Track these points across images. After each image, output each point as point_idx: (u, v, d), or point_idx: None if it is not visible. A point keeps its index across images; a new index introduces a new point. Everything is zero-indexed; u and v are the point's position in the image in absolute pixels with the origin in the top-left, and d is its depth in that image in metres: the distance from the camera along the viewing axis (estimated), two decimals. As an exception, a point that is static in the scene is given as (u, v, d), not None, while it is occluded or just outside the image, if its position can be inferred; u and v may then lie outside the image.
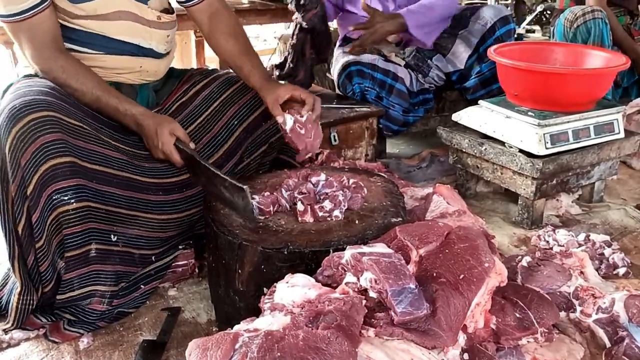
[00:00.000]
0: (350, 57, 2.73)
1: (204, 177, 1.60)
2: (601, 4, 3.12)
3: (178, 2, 1.89)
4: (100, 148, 1.56)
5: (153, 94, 1.90)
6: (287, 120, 1.75)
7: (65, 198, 1.46)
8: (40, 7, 1.57)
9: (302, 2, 2.57)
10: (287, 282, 1.23)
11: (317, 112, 1.80)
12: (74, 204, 1.48)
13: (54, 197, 1.45)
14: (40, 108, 1.45)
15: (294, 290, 1.20)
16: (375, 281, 1.19)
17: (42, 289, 1.52)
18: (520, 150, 2.07)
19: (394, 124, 2.74)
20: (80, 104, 1.61)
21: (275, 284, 1.25)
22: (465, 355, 1.23)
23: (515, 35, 3.17)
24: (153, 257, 1.70)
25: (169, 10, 1.85)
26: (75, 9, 1.64)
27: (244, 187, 1.44)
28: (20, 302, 1.51)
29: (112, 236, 1.57)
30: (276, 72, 2.73)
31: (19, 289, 1.50)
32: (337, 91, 2.86)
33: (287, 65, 2.70)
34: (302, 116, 1.75)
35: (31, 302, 1.52)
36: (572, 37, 3.03)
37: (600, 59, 2.25)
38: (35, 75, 1.69)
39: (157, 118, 1.68)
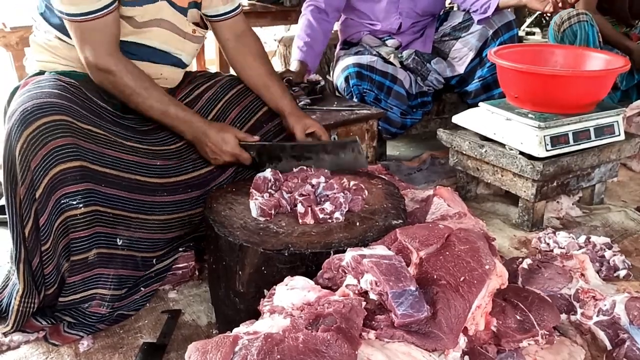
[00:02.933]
0: (350, 59, 2.74)
1: (287, 156, 1.75)
2: (589, 7, 3.17)
3: (206, 17, 1.90)
4: (110, 150, 1.56)
5: None
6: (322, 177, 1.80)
7: (74, 202, 1.47)
8: (110, 7, 1.58)
9: None
10: (286, 285, 1.23)
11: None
12: (82, 208, 1.48)
13: (62, 201, 1.45)
14: (52, 111, 1.45)
15: (294, 292, 1.20)
16: (376, 283, 1.19)
17: (45, 291, 1.52)
18: (521, 153, 2.07)
19: (393, 126, 2.75)
20: (92, 105, 1.62)
21: (274, 286, 1.25)
22: (466, 358, 1.23)
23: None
24: (154, 260, 1.70)
25: (200, 25, 1.88)
26: (124, 11, 1.65)
27: (355, 138, 1.64)
28: (22, 304, 1.51)
29: (118, 240, 1.58)
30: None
31: (20, 292, 1.50)
32: (337, 93, 2.87)
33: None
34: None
35: (32, 305, 1.52)
36: (560, 40, 3.09)
37: (600, 61, 2.25)
38: (42, 73, 1.70)
39: (217, 125, 1.73)
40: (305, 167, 1.70)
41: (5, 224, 1.54)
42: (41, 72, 1.72)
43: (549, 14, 3.61)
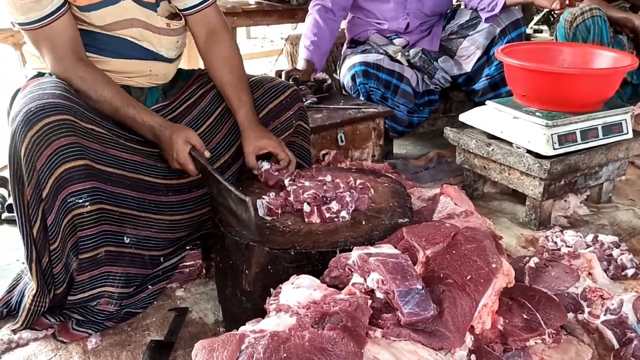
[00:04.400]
0: (356, 58, 2.73)
1: (215, 187, 1.59)
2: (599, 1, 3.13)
3: (179, 10, 1.85)
4: (113, 150, 1.57)
5: (162, 95, 1.91)
6: (263, 165, 1.73)
7: (80, 201, 1.48)
8: (58, 12, 1.57)
9: None
10: (292, 284, 1.23)
11: (289, 172, 1.74)
12: (89, 206, 1.49)
13: (69, 200, 1.46)
14: (55, 112, 1.46)
15: (299, 291, 1.20)
16: (382, 282, 1.19)
17: (55, 290, 1.53)
18: (528, 151, 2.07)
19: (399, 124, 2.75)
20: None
21: (280, 285, 1.25)
22: (473, 357, 1.23)
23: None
24: (162, 258, 1.71)
25: (177, 16, 1.83)
26: (84, 17, 1.64)
27: (246, 199, 1.43)
28: (34, 304, 1.52)
29: (125, 238, 1.59)
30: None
31: (34, 291, 1.51)
32: (344, 91, 2.87)
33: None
34: (275, 170, 1.72)
35: (44, 304, 1.53)
36: (572, 36, 3.04)
37: (608, 59, 2.24)
38: (41, 75, 1.71)
39: (173, 127, 1.65)
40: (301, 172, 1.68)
41: (14, 222, 1.55)
42: (40, 74, 1.73)
43: (556, 12, 3.58)
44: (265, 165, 1.73)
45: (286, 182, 1.63)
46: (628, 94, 3.31)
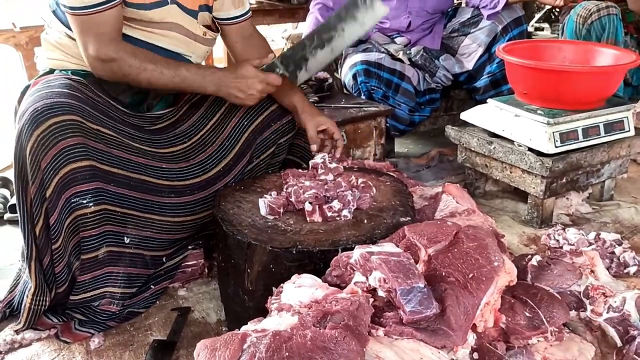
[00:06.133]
0: (357, 57, 2.73)
1: (310, 50, 1.70)
2: None
3: (216, 19, 1.90)
4: (117, 151, 1.57)
5: (171, 97, 1.92)
6: (318, 157, 1.76)
7: (84, 201, 1.48)
8: (113, 2, 1.59)
9: None
10: (294, 283, 1.23)
11: (337, 154, 1.88)
12: (92, 207, 1.50)
13: (72, 200, 1.47)
14: (62, 111, 1.46)
15: (301, 290, 1.20)
16: (384, 280, 1.19)
17: (56, 290, 1.54)
18: (530, 149, 2.06)
19: (401, 123, 2.74)
20: (101, 104, 1.62)
21: (282, 284, 1.25)
22: (475, 355, 1.23)
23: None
24: (164, 258, 1.71)
25: (212, 28, 1.89)
26: (131, 13, 1.66)
27: None
28: (33, 303, 1.52)
29: (126, 238, 1.59)
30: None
31: (32, 290, 1.51)
32: (345, 90, 2.86)
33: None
34: (330, 162, 1.75)
35: (44, 303, 1.53)
36: (585, 33, 2.98)
37: (610, 57, 2.23)
38: (52, 71, 1.71)
39: (231, 67, 1.78)
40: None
41: (17, 222, 1.56)
42: (51, 71, 1.74)
43: (557, 9, 3.57)
44: (319, 158, 1.74)
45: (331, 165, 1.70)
46: (629, 95, 3.30)
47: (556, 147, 2.01)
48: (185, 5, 1.74)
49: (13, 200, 2.22)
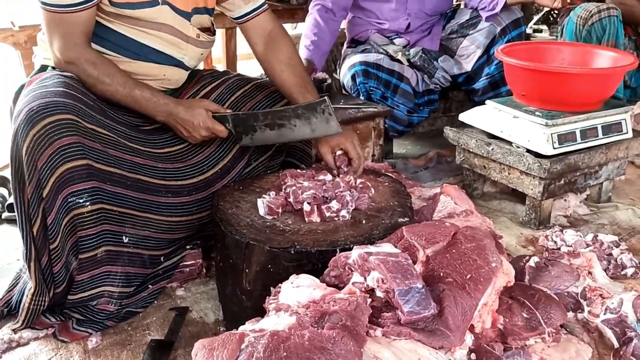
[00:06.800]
0: (356, 58, 2.73)
1: (260, 125, 1.67)
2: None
3: (233, 20, 1.90)
4: (113, 151, 1.57)
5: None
6: (329, 175, 1.71)
7: (81, 201, 1.48)
8: (89, 4, 1.58)
9: None
10: (292, 283, 1.23)
11: (358, 174, 1.75)
12: (89, 206, 1.49)
13: (69, 200, 1.46)
14: (58, 111, 1.46)
15: (299, 290, 1.20)
16: (382, 281, 1.19)
17: (54, 289, 1.53)
18: (528, 150, 2.07)
19: (399, 124, 2.75)
20: (96, 102, 1.62)
21: (280, 284, 1.25)
22: (473, 356, 1.23)
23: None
24: (162, 258, 1.71)
25: (208, 30, 1.87)
26: (119, 11, 1.65)
27: (324, 97, 1.51)
28: (33, 303, 1.52)
29: (124, 237, 1.59)
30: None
31: (32, 290, 1.51)
32: (344, 91, 2.87)
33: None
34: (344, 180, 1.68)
35: (43, 303, 1.53)
36: (585, 34, 2.95)
37: (608, 59, 2.24)
38: (45, 68, 1.71)
39: (187, 102, 1.72)
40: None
41: (15, 221, 1.56)
42: (44, 68, 1.73)
43: (556, 11, 3.57)
44: (329, 176, 1.70)
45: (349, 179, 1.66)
46: (627, 97, 3.30)
47: (554, 148, 2.01)
48: (177, 6, 1.73)
49: (11, 199, 2.22)
